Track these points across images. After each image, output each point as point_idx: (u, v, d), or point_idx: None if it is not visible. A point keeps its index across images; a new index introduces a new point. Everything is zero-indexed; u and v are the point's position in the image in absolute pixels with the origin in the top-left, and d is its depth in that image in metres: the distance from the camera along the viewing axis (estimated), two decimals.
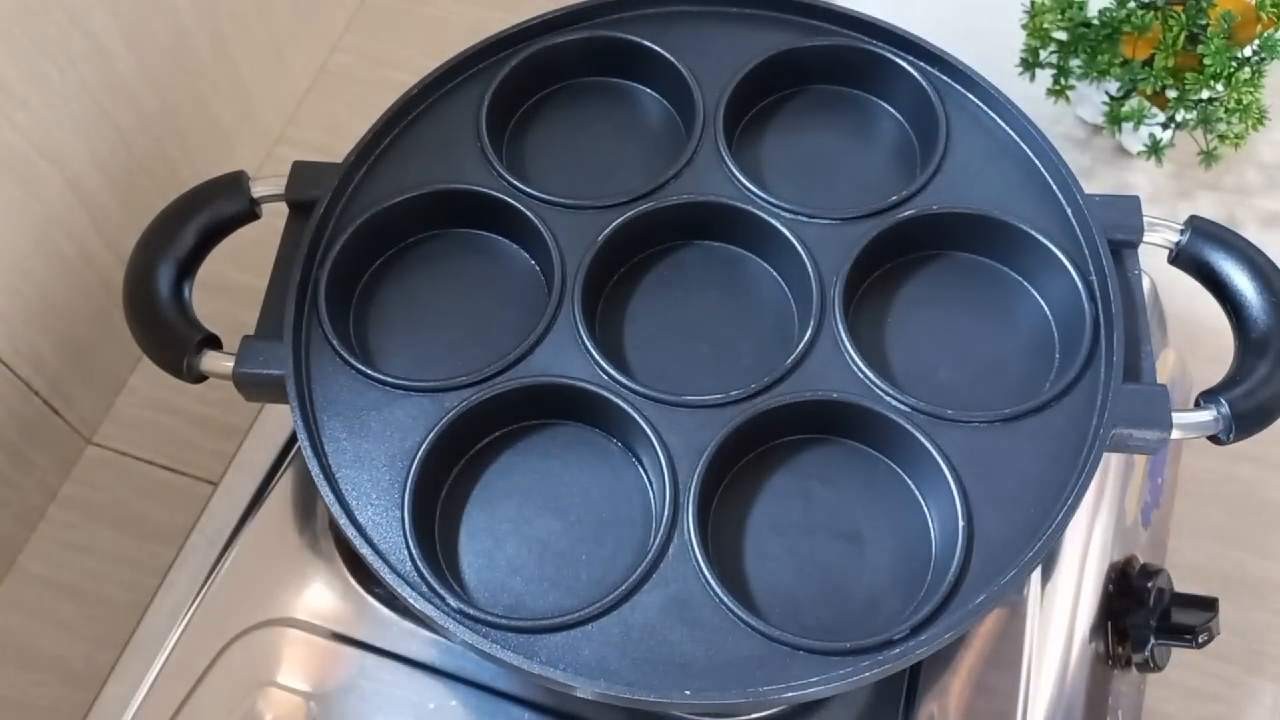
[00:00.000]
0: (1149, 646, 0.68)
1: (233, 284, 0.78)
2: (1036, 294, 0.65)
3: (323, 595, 0.65)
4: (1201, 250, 0.64)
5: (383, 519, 0.58)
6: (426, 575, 0.56)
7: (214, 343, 0.63)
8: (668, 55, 0.69)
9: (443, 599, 0.55)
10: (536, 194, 0.66)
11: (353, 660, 0.63)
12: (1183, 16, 0.92)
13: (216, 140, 1.02)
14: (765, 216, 0.64)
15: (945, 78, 0.69)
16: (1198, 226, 0.64)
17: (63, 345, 0.89)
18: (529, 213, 0.65)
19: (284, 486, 0.68)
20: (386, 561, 0.56)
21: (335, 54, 1.15)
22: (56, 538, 0.93)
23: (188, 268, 0.65)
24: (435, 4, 1.17)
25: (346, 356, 0.61)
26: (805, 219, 0.64)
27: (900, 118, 0.71)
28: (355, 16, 1.17)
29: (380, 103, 0.68)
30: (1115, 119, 0.98)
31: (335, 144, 0.67)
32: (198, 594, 0.65)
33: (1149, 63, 0.94)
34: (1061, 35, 0.96)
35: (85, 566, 0.91)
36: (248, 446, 0.71)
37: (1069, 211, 0.64)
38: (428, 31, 1.15)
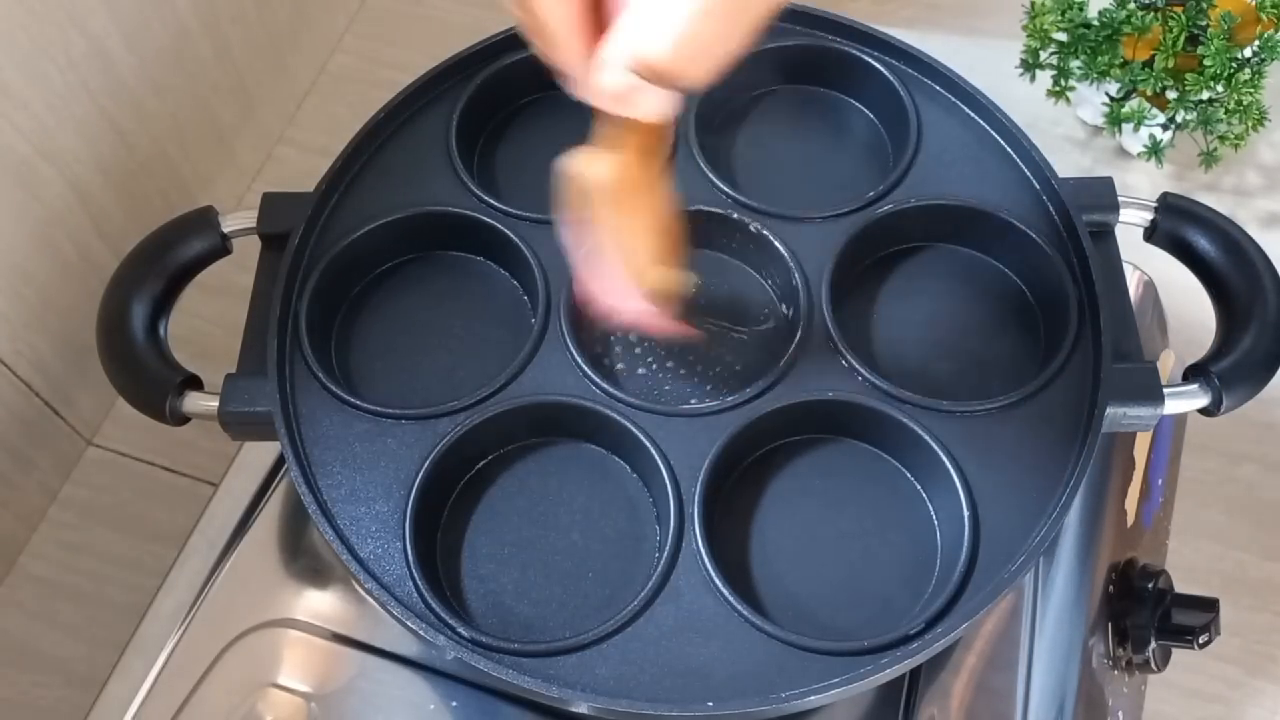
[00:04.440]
0: (1149, 647, 0.68)
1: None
2: (1020, 281, 0.65)
3: (323, 596, 0.65)
4: (1176, 225, 0.64)
5: (384, 551, 0.57)
6: (434, 606, 0.55)
7: (195, 383, 0.62)
8: None
9: (453, 629, 0.55)
10: (512, 211, 0.65)
11: (353, 660, 0.63)
12: (1183, 17, 0.92)
13: (216, 141, 1.02)
14: (744, 220, 0.64)
15: (911, 70, 0.69)
16: (1170, 203, 0.65)
17: (63, 346, 0.89)
18: (507, 230, 0.64)
19: (284, 488, 0.68)
20: (393, 595, 0.55)
21: (336, 55, 1.15)
22: (57, 538, 0.93)
23: (161, 308, 0.63)
24: (436, 5, 1.17)
25: (334, 389, 0.60)
26: (784, 220, 0.64)
27: (870, 113, 0.70)
28: (356, 17, 1.17)
29: (381, 104, 0.68)
30: (1115, 120, 0.98)
31: (336, 145, 0.66)
32: (198, 595, 0.66)
33: (1149, 64, 0.94)
34: (1062, 36, 0.96)
35: (85, 567, 0.91)
36: (248, 448, 0.71)
37: (1044, 195, 0.65)
38: (428, 32, 1.15)
